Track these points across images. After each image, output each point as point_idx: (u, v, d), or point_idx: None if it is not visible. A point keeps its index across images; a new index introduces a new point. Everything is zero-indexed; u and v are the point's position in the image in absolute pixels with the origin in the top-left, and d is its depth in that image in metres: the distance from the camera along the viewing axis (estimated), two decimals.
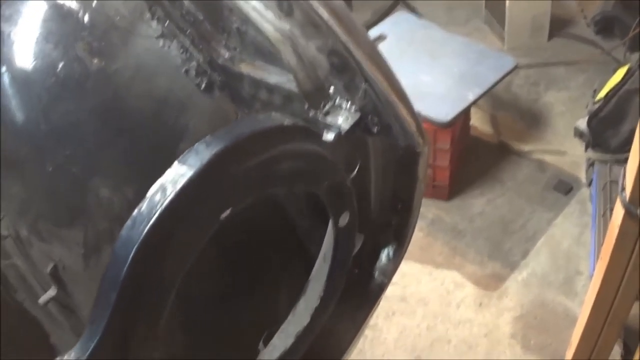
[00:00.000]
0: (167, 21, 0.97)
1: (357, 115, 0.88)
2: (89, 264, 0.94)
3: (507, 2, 4.19)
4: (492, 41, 4.49)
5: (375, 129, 0.90)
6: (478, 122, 3.88)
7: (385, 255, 1.11)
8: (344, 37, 0.81)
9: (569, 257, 3.21)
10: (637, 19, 3.63)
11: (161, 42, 0.99)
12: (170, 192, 0.70)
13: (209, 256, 0.84)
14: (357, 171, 0.95)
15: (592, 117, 3.35)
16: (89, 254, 0.94)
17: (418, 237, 3.29)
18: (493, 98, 3.95)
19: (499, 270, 3.18)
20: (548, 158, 3.67)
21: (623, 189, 1.91)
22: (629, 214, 1.90)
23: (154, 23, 0.98)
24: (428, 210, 3.46)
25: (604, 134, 3.31)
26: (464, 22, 4.69)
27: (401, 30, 3.60)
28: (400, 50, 3.43)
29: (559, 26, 4.49)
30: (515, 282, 3.13)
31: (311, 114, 0.88)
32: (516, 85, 4.12)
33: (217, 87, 1.01)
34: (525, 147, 3.74)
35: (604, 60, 4.10)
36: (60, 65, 0.93)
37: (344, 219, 0.93)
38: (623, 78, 3.26)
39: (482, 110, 3.92)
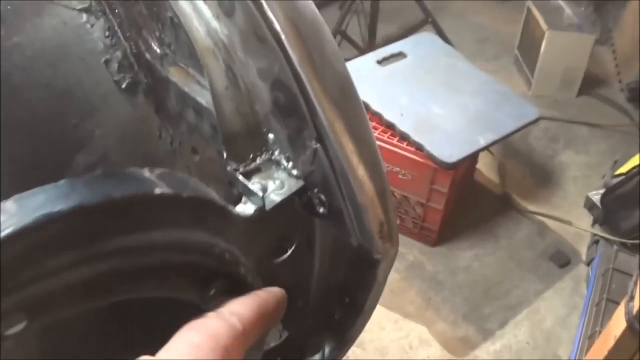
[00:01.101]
0: None
1: (298, 184, 0.59)
2: None
3: (542, 48, 3.97)
4: (518, 84, 4.26)
5: (320, 210, 0.61)
6: (484, 167, 3.62)
7: (317, 357, 0.82)
8: (297, 61, 0.53)
9: (550, 337, 2.93)
10: None
11: (84, 17, 0.75)
12: None
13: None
14: (294, 250, 0.67)
15: (608, 192, 3.14)
16: None
17: (392, 279, 3.04)
18: (506, 144, 3.70)
19: (472, 336, 2.91)
20: (550, 224, 3.40)
21: (632, 298, 1.65)
22: (631, 329, 1.64)
23: None
24: (409, 252, 3.22)
25: (616, 214, 3.10)
26: (492, 58, 4.49)
27: (423, 51, 3.34)
28: (417, 73, 3.16)
29: (590, 84, 4.27)
30: (487, 352, 2.86)
31: (230, 167, 0.59)
32: (533, 137, 3.87)
33: (141, 90, 0.76)
34: (529, 206, 3.48)
35: (631, 131, 3.91)
36: None
37: None
38: None
39: (491, 155, 3.65)
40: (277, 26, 0.53)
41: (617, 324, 1.72)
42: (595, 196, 3.26)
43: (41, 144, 0.73)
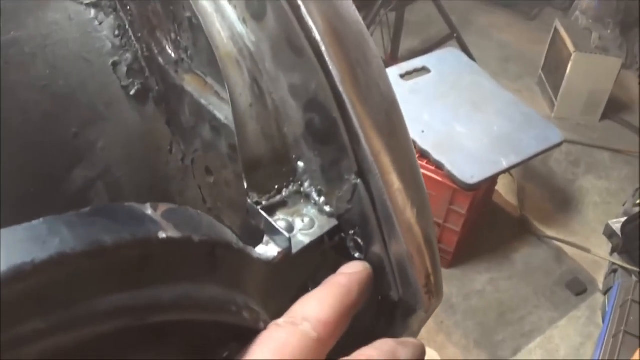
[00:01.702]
0: None
1: (331, 224, 0.50)
2: None
3: (568, 70, 3.87)
4: (540, 105, 4.17)
5: (355, 255, 0.51)
6: (503, 188, 3.53)
7: None
8: (339, 79, 0.44)
9: None
10: None
11: (92, 12, 0.66)
12: None
13: None
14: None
15: (630, 222, 3.04)
16: None
17: None
18: (526, 167, 3.59)
19: None
20: (568, 250, 3.31)
21: None
22: None
23: None
24: None
25: (637, 243, 3.00)
26: (515, 78, 4.39)
27: (448, 68, 3.24)
28: (440, 90, 3.06)
29: (614, 109, 4.18)
30: None
31: (251, 199, 0.50)
32: (554, 160, 3.78)
33: (152, 99, 0.67)
34: (547, 231, 3.38)
35: None
36: None
37: None
38: None
39: (510, 177, 3.55)
40: (317, 35, 0.44)
41: None
42: (616, 224, 3.16)
43: (34, 154, 0.64)
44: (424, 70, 3.14)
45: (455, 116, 2.95)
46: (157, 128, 0.68)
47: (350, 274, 0.49)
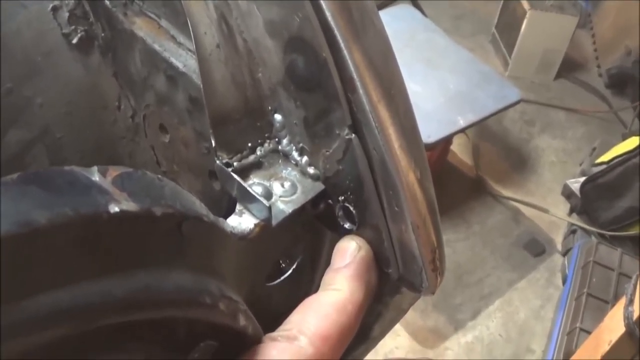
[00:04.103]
0: None
1: (316, 188, 0.42)
2: None
3: (523, 28, 3.84)
4: (494, 64, 4.13)
5: (345, 226, 0.43)
6: (458, 148, 3.48)
7: None
8: (330, 11, 0.36)
9: (523, 330, 2.81)
10: None
11: None
12: None
13: None
14: (294, 270, 0.50)
15: (588, 181, 3.03)
16: None
17: None
18: (480, 126, 3.53)
19: (442, 326, 2.78)
20: (526, 210, 3.27)
21: (631, 302, 1.53)
22: (630, 335, 1.52)
23: None
24: None
25: (596, 203, 3.00)
26: (468, 35, 4.34)
27: (401, 25, 3.18)
28: (395, 48, 2.95)
29: (569, 68, 4.15)
30: (457, 344, 2.73)
31: (220, 160, 0.42)
32: (509, 119, 3.74)
33: (97, 48, 0.60)
34: (504, 191, 3.35)
35: (609, 118, 3.82)
36: None
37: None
38: (634, 149, 2.94)
39: (465, 137, 3.50)
40: None
41: (613, 328, 1.60)
42: (574, 184, 3.16)
43: None
44: None
45: (410, 74, 2.87)
46: (103, 81, 0.61)
47: (353, 278, 0.43)
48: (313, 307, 0.40)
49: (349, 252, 0.42)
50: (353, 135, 0.39)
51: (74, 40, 0.59)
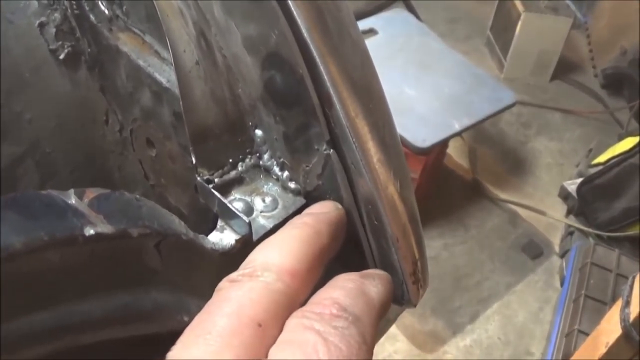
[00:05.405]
0: None
1: (297, 203, 0.42)
2: None
3: (517, 30, 3.84)
4: (489, 67, 4.13)
5: None
6: (454, 151, 3.47)
7: None
8: (305, 27, 0.36)
9: (522, 333, 2.80)
10: None
11: None
12: None
13: None
14: None
15: (585, 182, 3.03)
16: None
17: None
18: (476, 129, 3.53)
19: (441, 330, 2.77)
20: (523, 213, 3.27)
21: (628, 304, 1.52)
22: (627, 337, 1.51)
23: None
24: None
25: (593, 205, 2.99)
26: (463, 39, 4.34)
27: (395, 29, 3.18)
28: (389, 52, 3.00)
29: (564, 69, 4.15)
30: (456, 348, 2.72)
31: (201, 176, 0.42)
32: (505, 122, 3.73)
33: (84, 63, 0.61)
34: (501, 194, 3.34)
35: (605, 119, 3.81)
36: None
37: None
38: (631, 149, 2.93)
39: (461, 140, 3.50)
40: None
41: (610, 330, 1.60)
42: (571, 185, 3.15)
43: None
44: (371, 32, 3.06)
45: (405, 79, 2.89)
46: (90, 96, 0.61)
47: (318, 213, 0.41)
48: (274, 241, 0.38)
49: (325, 204, 0.41)
50: (331, 150, 0.39)
51: (61, 56, 0.59)
